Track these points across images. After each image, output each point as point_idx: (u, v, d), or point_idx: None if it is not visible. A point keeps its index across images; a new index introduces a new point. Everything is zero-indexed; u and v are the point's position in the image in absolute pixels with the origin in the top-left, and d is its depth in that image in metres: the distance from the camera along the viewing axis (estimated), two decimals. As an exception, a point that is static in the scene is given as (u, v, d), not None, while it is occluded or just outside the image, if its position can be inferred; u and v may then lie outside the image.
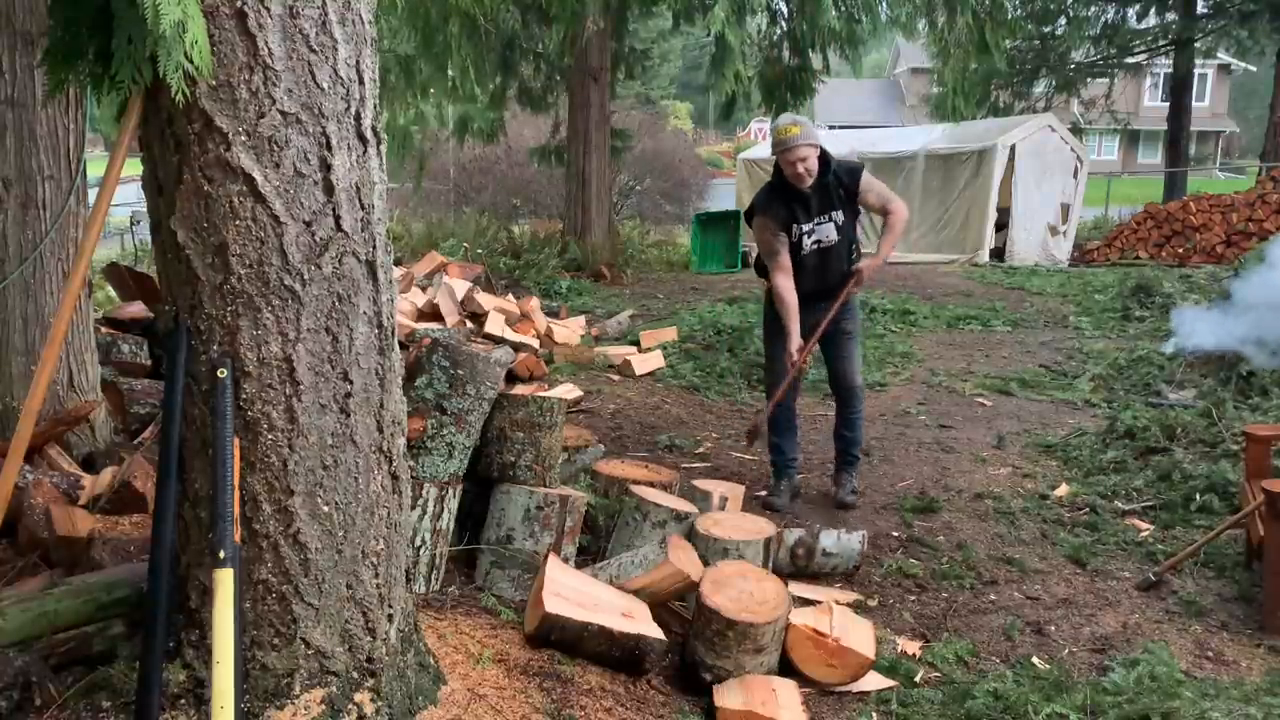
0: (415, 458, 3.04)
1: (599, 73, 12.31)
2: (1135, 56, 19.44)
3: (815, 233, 4.21)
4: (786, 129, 4.07)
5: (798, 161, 4.05)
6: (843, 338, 4.40)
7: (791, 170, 4.08)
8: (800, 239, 4.21)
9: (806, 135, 4.06)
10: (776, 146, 4.08)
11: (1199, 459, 4.74)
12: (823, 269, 4.28)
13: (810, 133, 4.07)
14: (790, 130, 4.05)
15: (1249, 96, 38.54)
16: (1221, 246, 12.33)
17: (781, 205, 4.21)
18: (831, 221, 4.21)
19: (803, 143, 4.03)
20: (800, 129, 4.05)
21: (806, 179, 4.09)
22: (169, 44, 1.71)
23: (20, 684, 2.09)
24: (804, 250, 4.24)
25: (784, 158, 4.07)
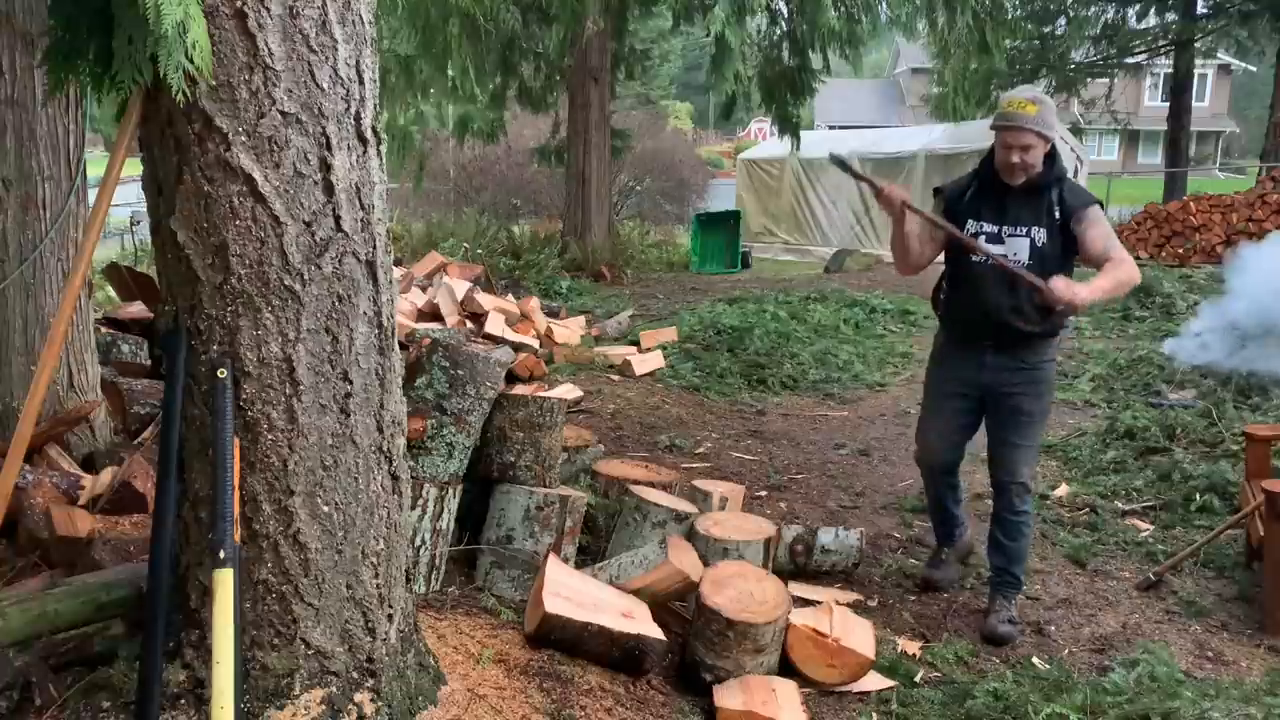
0: (415, 458, 3.04)
1: (599, 73, 12.31)
2: (1135, 56, 19.43)
3: (999, 243, 3.22)
4: (1021, 103, 3.09)
5: (1015, 148, 3.10)
6: (1014, 417, 3.32)
7: (1004, 156, 3.14)
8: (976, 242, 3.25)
9: (1042, 120, 3.08)
10: (998, 119, 3.13)
11: (1199, 459, 4.74)
12: (1001, 295, 3.20)
13: (1047, 118, 3.09)
14: (1024, 107, 3.07)
15: (1249, 96, 38.53)
16: (1221, 246, 12.32)
17: (967, 197, 3.30)
18: (1028, 238, 3.19)
19: (1032, 127, 3.07)
20: (1038, 110, 3.07)
21: (1018, 173, 3.14)
22: (170, 44, 1.71)
23: (20, 684, 2.09)
24: (976, 258, 3.25)
25: (1001, 136, 3.13)
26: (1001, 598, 3.42)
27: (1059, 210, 3.17)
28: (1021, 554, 3.44)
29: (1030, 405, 3.31)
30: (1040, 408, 3.34)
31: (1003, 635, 3.28)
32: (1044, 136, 3.11)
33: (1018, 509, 3.38)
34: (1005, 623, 3.33)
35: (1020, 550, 3.42)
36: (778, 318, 8.47)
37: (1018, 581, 3.44)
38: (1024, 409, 3.31)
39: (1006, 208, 3.22)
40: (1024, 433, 3.33)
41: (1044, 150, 3.14)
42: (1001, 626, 3.31)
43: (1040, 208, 3.19)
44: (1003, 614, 3.36)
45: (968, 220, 3.27)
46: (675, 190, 19.33)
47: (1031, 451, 3.38)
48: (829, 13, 10.45)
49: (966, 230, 3.26)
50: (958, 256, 3.34)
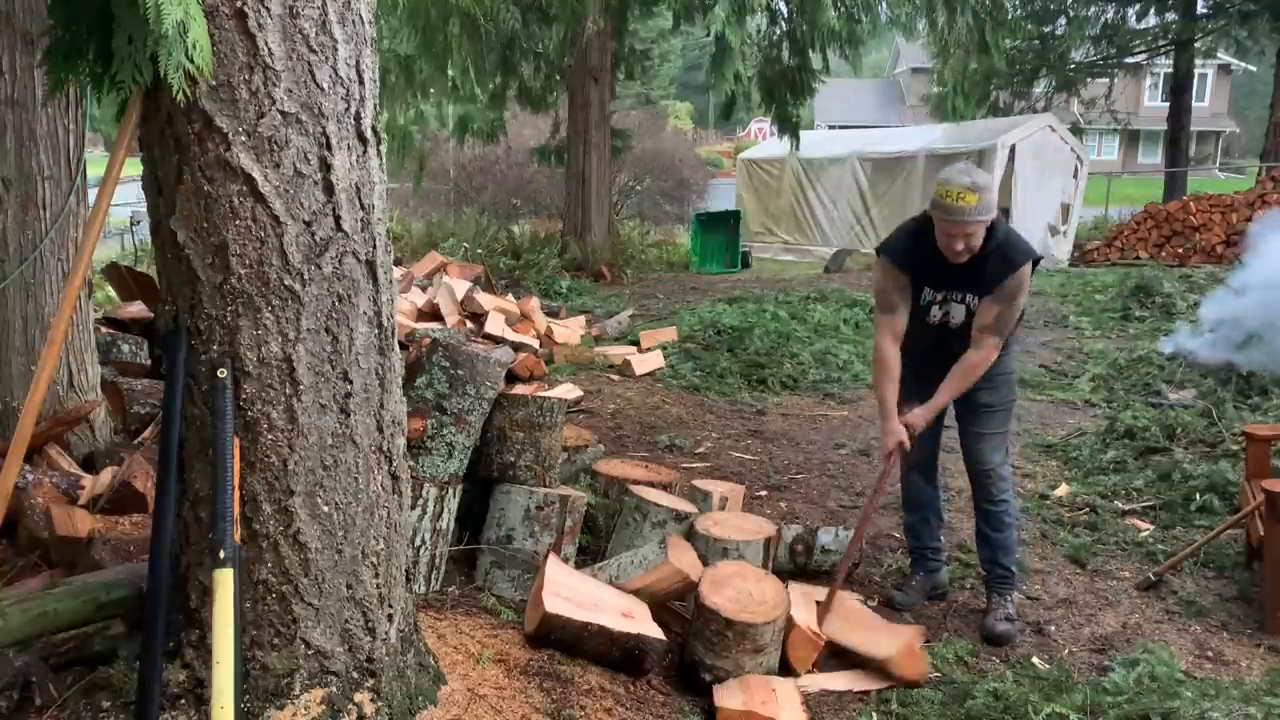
0: (415, 458, 3.04)
1: (599, 73, 12.31)
2: (1135, 56, 19.44)
3: (943, 307, 3.34)
4: (961, 194, 3.05)
5: (960, 237, 3.12)
6: (975, 410, 3.40)
7: (946, 242, 3.16)
8: (928, 307, 3.35)
9: (984, 209, 3.07)
10: (938, 209, 3.12)
11: (1199, 459, 4.74)
12: (941, 350, 3.35)
13: (988, 203, 3.08)
14: (966, 199, 3.05)
15: (1249, 96, 38.53)
16: (1221, 246, 12.34)
17: (917, 261, 3.30)
18: (964, 304, 3.29)
19: (975, 219, 3.08)
20: (977, 199, 3.04)
21: (963, 256, 3.18)
22: (170, 44, 1.71)
23: (20, 684, 2.09)
24: (928, 318, 3.36)
25: (944, 227, 3.13)
26: (997, 595, 3.43)
27: (991, 276, 3.21)
28: (1009, 545, 3.44)
29: (988, 398, 3.37)
30: (999, 398, 3.40)
31: (1001, 634, 3.28)
32: (986, 221, 3.12)
33: (995, 498, 3.41)
34: (1003, 620, 3.33)
35: (1007, 541, 3.43)
36: (778, 318, 8.46)
37: (1010, 575, 3.45)
38: (983, 401, 3.38)
39: (947, 276, 3.27)
40: (985, 422, 3.40)
41: (984, 229, 3.16)
42: (1000, 625, 3.31)
43: (979, 274, 3.22)
44: (999, 612, 3.37)
45: (924, 287, 3.34)
46: (675, 190, 19.32)
47: (998, 439, 3.42)
48: (829, 13, 10.46)
49: (923, 296, 3.34)
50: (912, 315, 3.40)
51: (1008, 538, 3.44)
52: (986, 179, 3.15)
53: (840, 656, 3.08)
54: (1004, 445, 3.46)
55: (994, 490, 3.42)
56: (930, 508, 3.62)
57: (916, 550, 3.66)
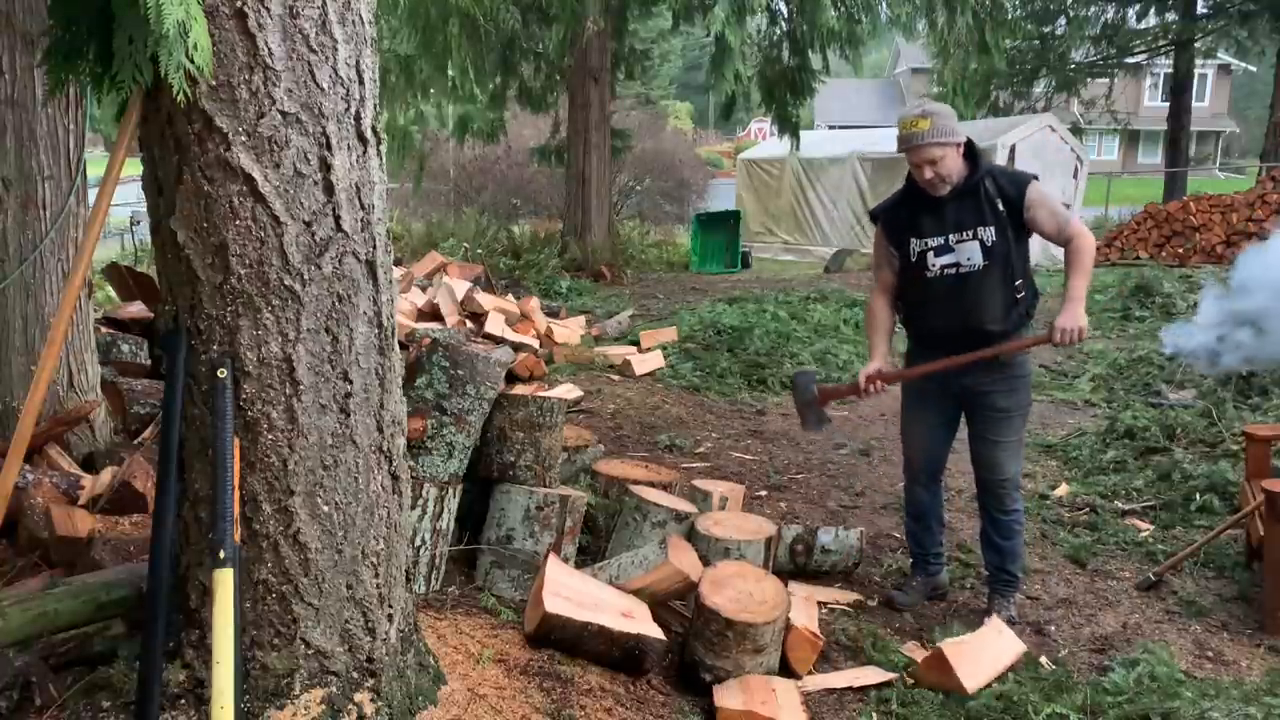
0: (415, 458, 3.04)
1: (599, 73, 12.32)
2: (1135, 56, 19.46)
3: (950, 252, 3.19)
4: (913, 122, 3.10)
5: (924, 164, 3.10)
6: (991, 415, 3.30)
7: (918, 174, 3.16)
8: (923, 257, 3.24)
9: (938, 130, 3.06)
10: (900, 143, 3.14)
11: (1199, 459, 4.75)
12: (963, 301, 3.21)
13: (944, 126, 3.08)
14: (917, 125, 3.08)
15: (1249, 96, 38.53)
16: (1221, 246, 12.33)
17: (902, 214, 3.30)
18: (976, 240, 3.16)
19: (932, 141, 3.06)
20: (929, 123, 3.06)
21: (940, 186, 3.13)
22: (170, 44, 1.71)
23: (20, 684, 2.09)
24: (930, 272, 3.23)
25: (909, 158, 3.14)
26: (1000, 596, 3.43)
27: (1000, 201, 3.15)
28: (1016, 552, 3.42)
29: (1005, 401, 3.28)
30: (1016, 402, 3.30)
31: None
32: (948, 143, 3.09)
33: (1007, 508, 3.37)
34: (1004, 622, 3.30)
35: (1014, 548, 3.41)
36: (778, 318, 8.46)
37: (1015, 580, 3.45)
38: (999, 405, 3.28)
39: (946, 216, 3.20)
40: (1001, 429, 3.31)
41: (956, 155, 3.13)
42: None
43: (980, 206, 3.16)
44: (1002, 613, 3.35)
45: (910, 239, 3.26)
46: (675, 190, 19.33)
47: (1012, 447, 3.34)
48: (829, 13, 10.46)
49: (912, 249, 3.27)
50: (906, 273, 3.33)
51: (1016, 545, 3.41)
52: (940, 107, 3.17)
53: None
54: (1019, 452, 3.39)
55: (1005, 500, 3.36)
56: (933, 515, 3.59)
57: (918, 555, 3.65)
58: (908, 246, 3.27)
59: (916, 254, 3.26)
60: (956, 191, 3.16)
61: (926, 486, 3.56)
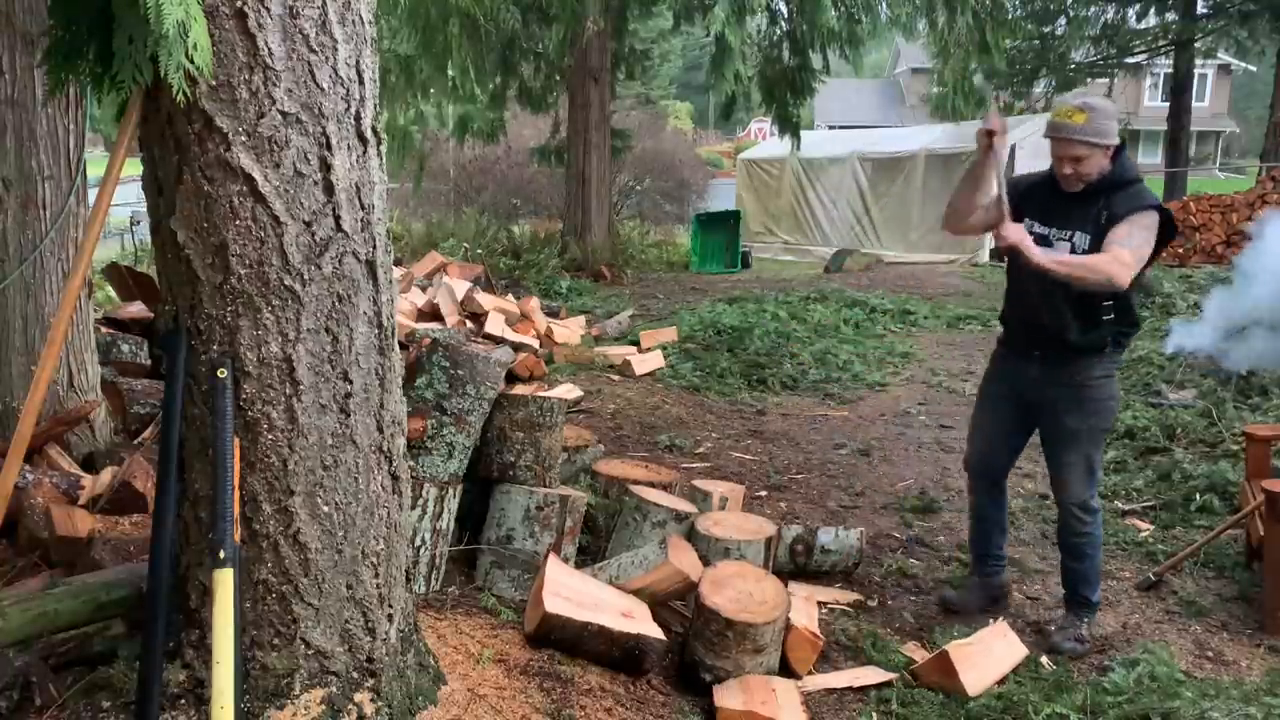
0: (415, 458, 3.04)
1: (599, 73, 12.32)
2: (1135, 56, 19.46)
3: (1046, 244, 3.10)
4: (1068, 111, 2.96)
5: (1065, 159, 2.98)
6: (1059, 433, 3.21)
7: (1057, 166, 3.04)
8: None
9: (1092, 129, 2.92)
10: (1049, 129, 3.01)
11: (1199, 459, 4.75)
12: (1039, 307, 3.13)
13: (1099, 126, 2.93)
14: (1072, 116, 2.93)
15: (1249, 96, 38.53)
16: (1221, 246, 12.33)
17: (1034, 190, 3.17)
18: (1069, 242, 3.06)
19: (1078, 137, 2.93)
20: (1085, 118, 2.91)
21: (1073, 183, 3.02)
22: (170, 44, 1.71)
23: (20, 684, 2.09)
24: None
25: (1053, 148, 3.01)
26: (1073, 614, 3.34)
27: (1105, 216, 3.00)
28: (1090, 575, 3.30)
29: (1075, 423, 3.16)
30: (1087, 426, 3.16)
31: (1067, 652, 3.19)
32: (1097, 145, 2.95)
33: (1077, 530, 3.25)
34: (1072, 640, 3.24)
35: (1086, 571, 3.29)
36: (778, 318, 8.47)
37: (1090, 604, 3.33)
38: (1068, 426, 3.18)
39: (1057, 210, 3.09)
40: (1070, 449, 3.20)
41: (1101, 158, 2.98)
42: (1067, 643, 3.22)
43: (1090, 212, 3.03)
44: (1070, 630, 3.27)
45: (1025, 219, 3.12)
46: (675, 190, 19.33)
47: (1081, 469, 3.21)
48: (829, 13, 10.46)
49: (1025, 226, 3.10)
50: (1012, 260, 3.20)
51: (1087, 569, 3.29)
52: (1105, 104, 2.99)
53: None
54: (1094, 473, 3.26)
55: (1077, 524, 3.24)
56: (992, 520, 3.51)
57: (978, 555, 3.57)
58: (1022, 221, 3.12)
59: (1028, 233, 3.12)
60: (1083, 190, 3.04)
61: (986, 491, 3.49)
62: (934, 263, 13.72)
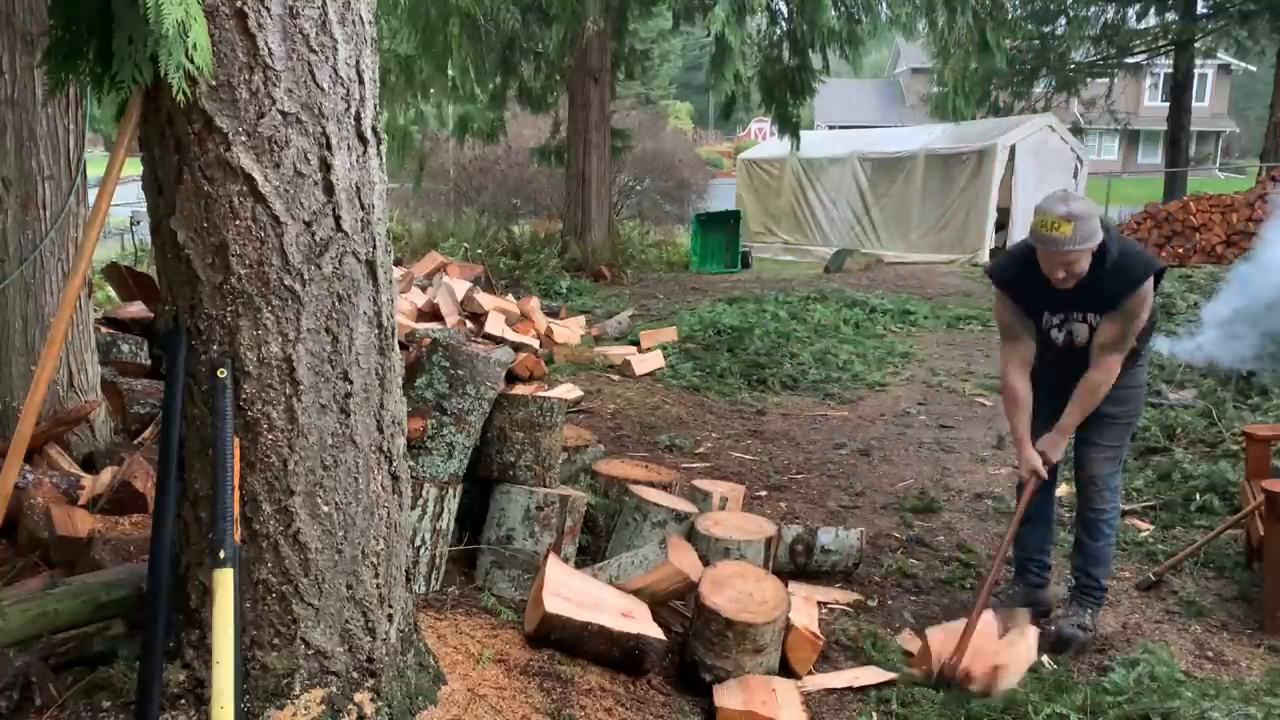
0: (415, 458, 3.04)
1: (599, 73, 12.32)
2: (1135, 56, 19.46)
3: (1061, 327, 3.26)
4: (1056, 224, 2.97)
5: (1060, 266, 3.05)
6: (1096, 420, 3.30)
7: (1048, 270, 3.09)
8: (1049, 329, 3.28)
9: (1080, 238, 2.97)
10: (1035, 239, 3.07)
11: (1199, 459, 4.75)
12: (1069, 366, 3.27)
13: (1086, 231, 2.97)
14: (1061, 229, 2.96)
15: (1249, 96, 38.53)
16: (1221, 246, 12.33)
17: (1032, 287, 3.22)
18: (1086, 324, 3.20)
19: (1072, 249, 2.99)
20: (1072, 228, 2.95)
21: (1069, 283, 3.10)
22: (170, 44, 1.71)
23: (20, 684, 2.09)
24: (1050, 338, 3.30)
25: (1043, 256, 3.08)
26: (1077, 603, 3.36)
27: (1109, 294, 3.10)
28: (1102, 556, 3.36)
29: (1111, 408, 3.26)
30: (1124, 411, 3.30)
31: (1068, 636, 3.21)
32: (1089, 249, 3.01)
33: (1096, 505, 3.34)
34: (1075, 627, 3.26)
35: (1101, 552, 3.35)
36: (778, 318, 8.47)
37: (1098, 588, 3.36)
38: (1104, 411, 3.26)
39: (1063, 298, 3.18)
40: (1104, 433, 3.30)
41: (1089, 252, 3.03)
42: (1069, 629, 3.25)
43: (1098, 293, 3.12)
44: (1074, 618, 3.30)
45: (1044, 312, 3.26)
46: (675, 190, 19.33)
47: (1111, 450, 3.33)
48: (829, 13, 10.46)
49: (1044, 320, 3.26)
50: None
51: (1103, 549, 3.35)
52: (1084, 206, 3.02)
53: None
54: (1118, 458, 3.38)
55: (1096, 499, 3.34)
56: (1038, 519, 3.49)
57: (1020, 560, 3.57)
58: (1041, 318, 3.28)
59: (1046, 326, 3.28)
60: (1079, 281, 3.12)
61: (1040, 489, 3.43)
62: (934, 263, 13.72)
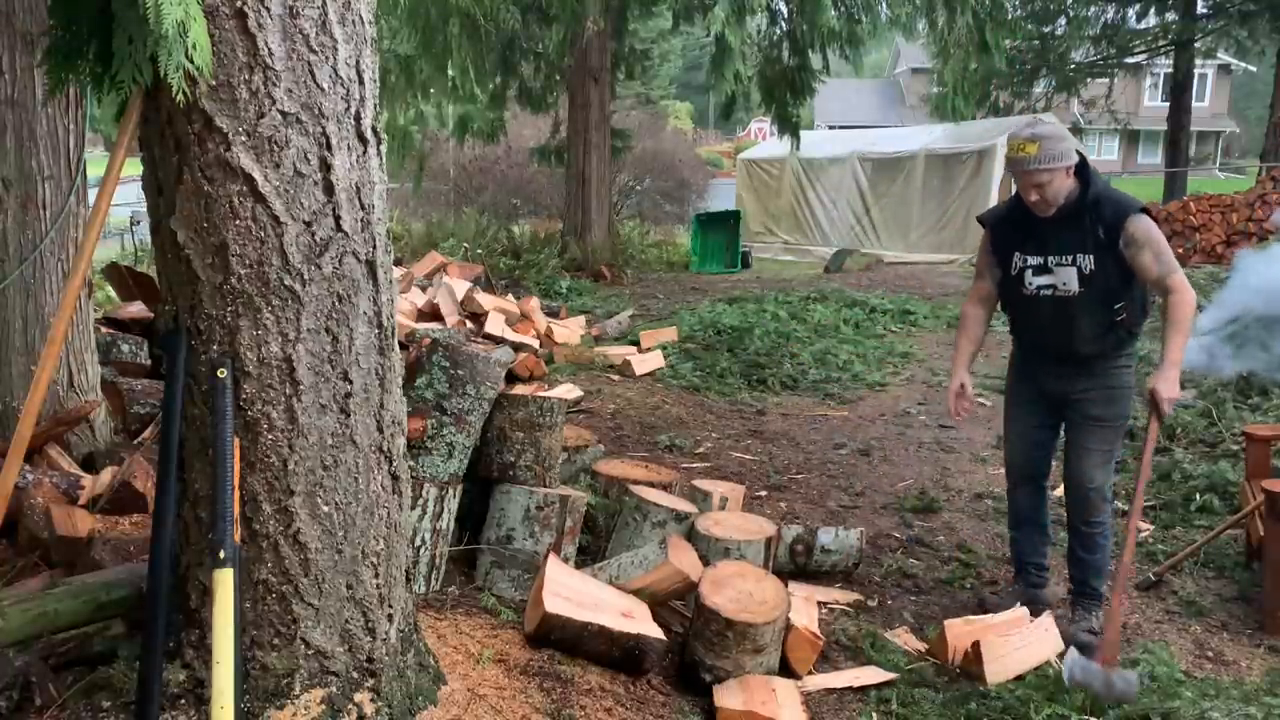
0: (415, 458, 3.04)
1: (599, 73, 12.32)
2: (1135, 56, 19.45)
3: (1047, 273, 3.17)
4: (1021, 145, 3.00)
5: (1031, 187, 3.04)
6: (1085, 422, 3.25)
7: (1025, 196, 3.10)
8: (1022, 274, 3.22)
9: (1046, 156, 2.98)
10: (1007, 165, 3.10)
11: (1199, 459, 4.75)
12: (1059, 326, 3.20)
13: (1052, 151, 2.98)
14: (1025, 149, 2.99)
15: (1249, 96, 38.54)
16: (1221, 246, 12.33)
17: (1008, 227, 3.26)
18: (1074, 266, 3.11)
19: (1040, 166, 2.99)
20: (1037, 147, 2.97)
21: (1045, 208, 3.07)
22: (170, 44, 1.71)
23: (20, 684, 2.09)
24: (1027, 289, 3.22)
25: (1016, 181, 3.10)
26: (1081, 610, 3.36)
27: (1102, 231, 3.05)
28: (1100, 566, 3.33)
29: (1100, 410, 3.23)
30: (1113, 413, 3.25)
31: (1084, 643, 3.16)
32: (1055, 169, 3.01)
33: (1090, 517, 3.29)
34: (1086, 632, 3.25)
35: (1098, 563, 3.32)
36: (778, 318, 8.47)
37: (1098, 595, 3.35)
38: (1093, 414, 3.24)
39: (1048, 237, 3.14)
40: (1094, 437, 3.25)
41: (1065, 177, 3.04)
42: (1083, 635, 3.22)
43: (1082, 233, 3.08)
44: (1083, 623, 3.29)
45: (1014, 253, 3.23)
46: (675, 190, 19.34)
47: (1103, 456, 3.27)
48: (829, 13, 10.46)
49: (1014, 263, 3.24)
50: (1006, 286, 3.32)
51: (1100, 560, 3.32)
52: (1051, 128, 3.07)
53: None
54: (1110, 464, 3.32)
55: (1090, 511, 3.28)
56: (1033, 522, 3.51)
57: (1019, 564, 3.58)
58: (1010, 260, 3.25)
59: (1016, 269, 3.24)
60: (1062, 213, 3.09)
61: (1027, 492, 3.50)
62: (934, 263, 13.72)
